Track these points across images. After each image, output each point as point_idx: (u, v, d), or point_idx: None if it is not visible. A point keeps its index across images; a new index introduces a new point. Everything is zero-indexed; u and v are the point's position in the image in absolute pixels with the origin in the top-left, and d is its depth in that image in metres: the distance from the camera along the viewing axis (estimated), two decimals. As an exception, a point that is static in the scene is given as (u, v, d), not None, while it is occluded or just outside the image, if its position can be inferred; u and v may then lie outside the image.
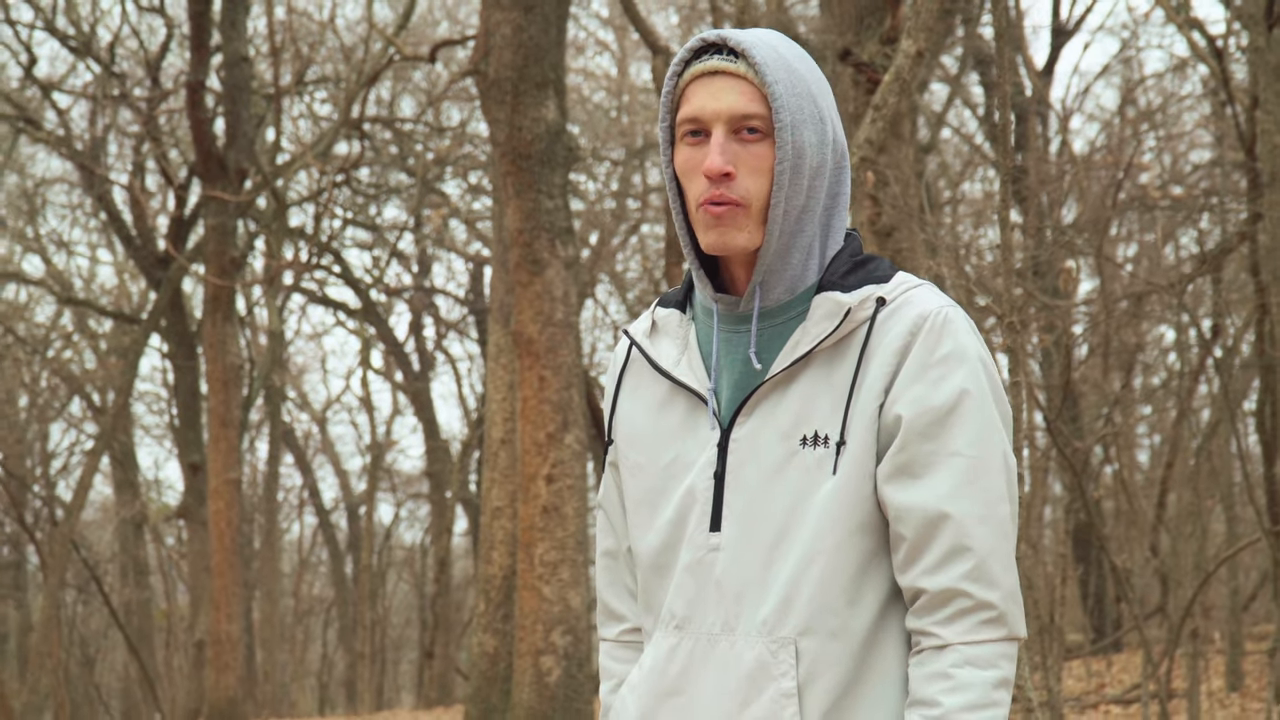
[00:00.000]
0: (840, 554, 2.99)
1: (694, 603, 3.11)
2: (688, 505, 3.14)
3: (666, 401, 3.23)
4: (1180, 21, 17.93)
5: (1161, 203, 25.23)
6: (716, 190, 2.99)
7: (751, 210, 3.02)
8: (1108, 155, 25.43)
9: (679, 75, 3.13)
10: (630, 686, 3.24)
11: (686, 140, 3.09)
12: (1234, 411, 24.16)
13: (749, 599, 3.05)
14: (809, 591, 2.98)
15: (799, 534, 3.01)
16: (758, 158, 3.02)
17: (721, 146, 3.00)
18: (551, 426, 17.70)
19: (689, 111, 3.08)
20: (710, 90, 3.06)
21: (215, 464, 28.09)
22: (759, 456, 3.07)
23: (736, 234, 3.02)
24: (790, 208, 3.05)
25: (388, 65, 32.80)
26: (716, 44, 3.08)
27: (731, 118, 3.02)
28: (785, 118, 3.01)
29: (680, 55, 3.14)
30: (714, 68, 3.06)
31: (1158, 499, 25.31)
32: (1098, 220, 22.52)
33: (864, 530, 3.00)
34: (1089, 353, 24.27)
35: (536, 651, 17.60)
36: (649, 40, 23.46)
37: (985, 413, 3.00)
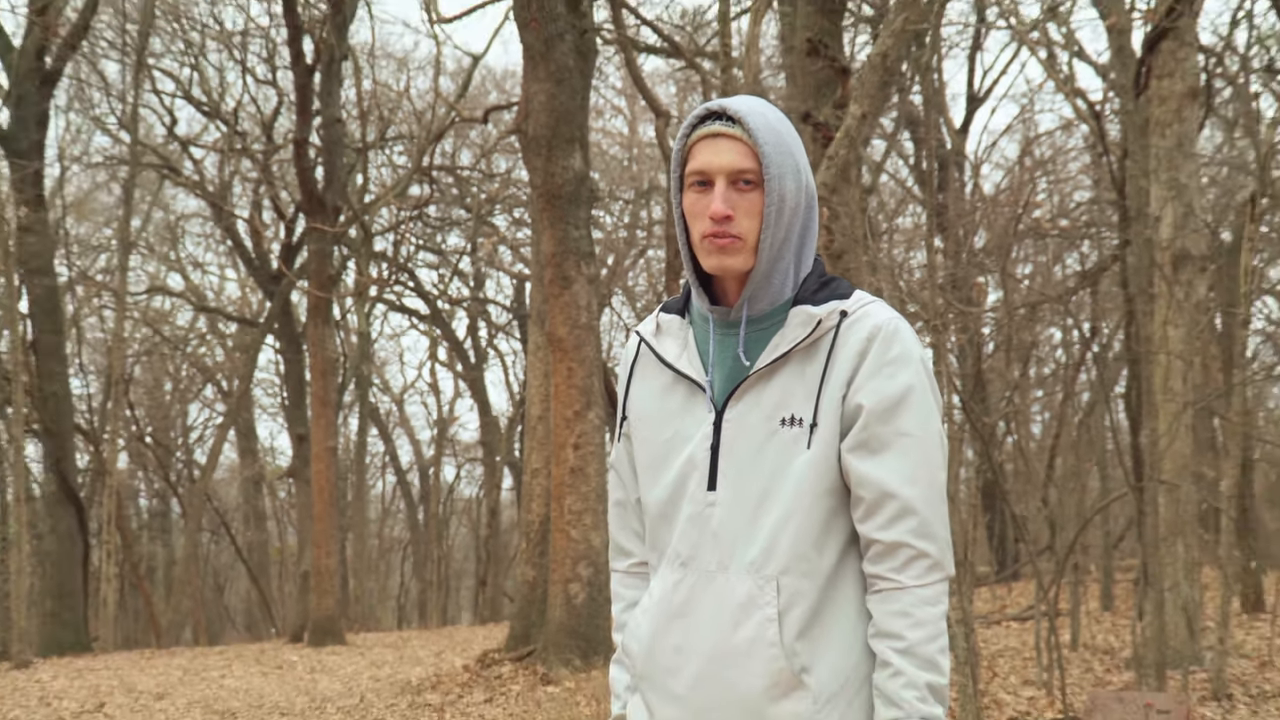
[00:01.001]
0: (812, 511, 3.09)
1: (696, 546, 3.18)
2: (689, 470, 3.23)
3: (669, 388, 3.32)
4: (1067, 91, 17.99)
5: (1051, 232, 25.18)
6: (719, 228, 3.11)
7: (746, 243, 3.14)
8: (1009, 195, 25.38)
9: (688, 135, 3.23)
10: (643, 610, 3.31)
11: (694, 188, 3.19)
12: (1107, 394, 24.14)
13: (739, 544, 3.13)
14: (787, 540, 3.08)
15: (779, 495, 3.11)
16: (750, 203, 3.13)
17: (723, 195, 3.12)
18: (577, 406, 17.75)
19: (696, 165, 3.18)
20: (714, 149, 3.16)
21: (317, 435, 28.08)
22: (747, 433, 3.16)
23: (733, 260, 3.14)
24: (774, 241, 3.16)
25: (450, 125, 32.89)
26: (718, 112, 3.18)
27: (730, 172, 3.13)
28: (773, 171, 3.13)
29: (689, 119, 3.25)
30: (717, 131, 3.17)
31: (1048, 462, 25.30)
32: (1002, 246, 22.50)
33: (830, 493, 3.10)
34: (994, 349, 24.27)
35: (566, 580, 17.66)
36: (653, 106, 23.48)
37: (926, 402, 3.12)
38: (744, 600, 3.11)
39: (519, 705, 15.31)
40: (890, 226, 30.17)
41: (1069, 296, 24.22)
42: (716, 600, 3.15)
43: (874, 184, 29.08)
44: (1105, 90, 20.53)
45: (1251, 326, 21.18)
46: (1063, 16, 22.84)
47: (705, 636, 3.15)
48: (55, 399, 31.11)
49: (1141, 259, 13.73)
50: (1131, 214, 13.27)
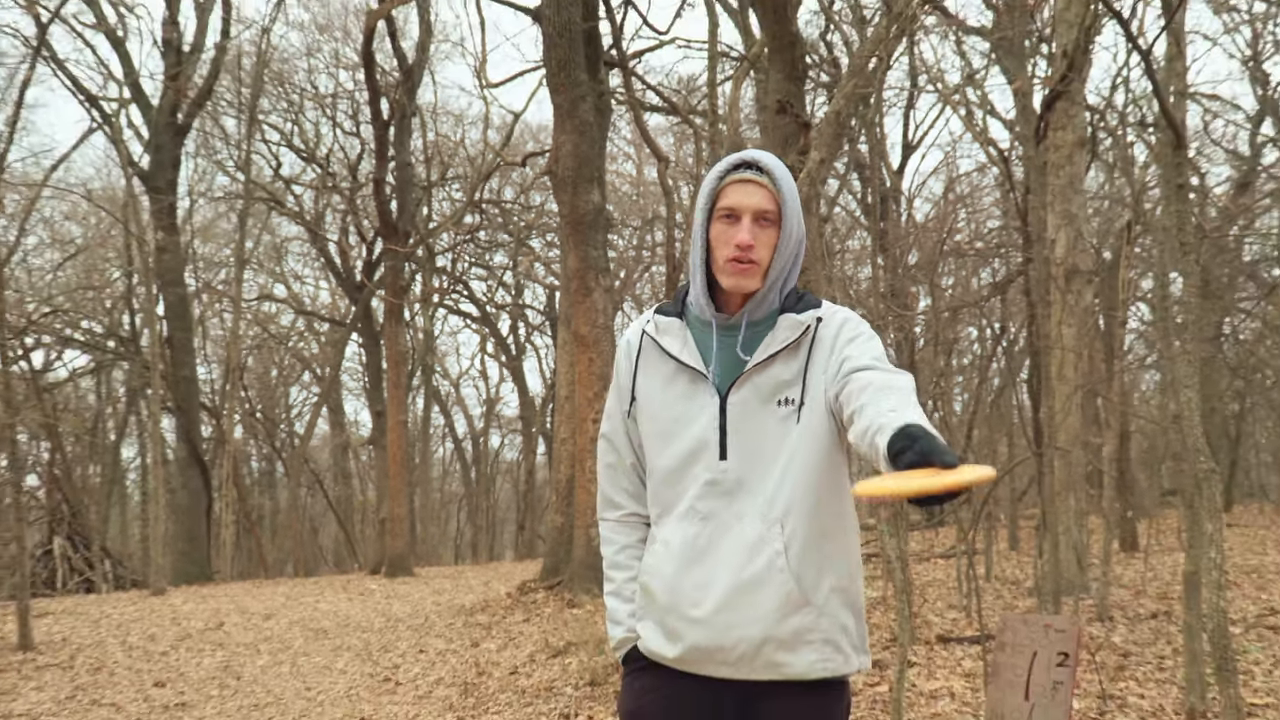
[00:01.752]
0: (804, 468, 3.15)
1: (715, 504, 3.22)
2: (700, 446, 3.26)
3: (673, 377, 3.33)
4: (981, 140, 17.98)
5: (969, 252, 25.13)
6: (742, 254, 3.22)
7: (759, 267, 3.25)
8: (936, 223, 25.30)
9: (721, 177, 3.29)
10: (663, 556, 3.30)
11: (723, 219, 3.27)
12: (1014, 380, 24.12)
13: (749, 498, 3.19)
14: (787, 492, 3.15)
15: (779, 458, 3.18)
16: (768, 237, 3.26)
17: (749, 229, 3.22)
18: (597, 388, 17.73)
19: (727, 203, 3.26)
20: (745, 192, 3.25)
21: (391, 411, 28.07)
22: (749, 413, 3.22)
23: (749, 281, 3.25)
24: (782, 268, 3.28)
25: (496, 168, 32.90)
26: (751, 162, 3.28)
27: (756, 211, 3.24)
28: (788, 214, 3.27)
29: (723, 164, 3.33)
30: (748, 178, 3.26)
31: (966, 433, 25.23)
32: (930, 263, 22.47)
33: (817, 452, 3.16)
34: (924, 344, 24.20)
35: (587, 526, 17.64)
36: (656, 153, 23.45)
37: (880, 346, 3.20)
38: (755, 540, 3.17)
39: (550, 624, 15.31)
40: (842, 247, 30.13)
41: (983, 302, 24.18)
42: (733, 543, 3.20)
43: (829, 214, 29.08)
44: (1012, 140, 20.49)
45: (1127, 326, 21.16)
46: (978, 82, 22.88)
47: (724, 572, 3.19)
48: (185, 383, 31.17)
49: (1040, 273, 13.70)
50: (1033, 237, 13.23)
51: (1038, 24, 17.78)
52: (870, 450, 2.80)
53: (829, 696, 3.20)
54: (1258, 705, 8.29)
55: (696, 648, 3.22)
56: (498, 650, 14.06)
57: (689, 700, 3.27)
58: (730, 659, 3.19)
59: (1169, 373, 10.89)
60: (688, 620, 3.23)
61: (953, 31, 22.10)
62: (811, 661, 3.15)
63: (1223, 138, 29.15)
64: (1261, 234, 26.44)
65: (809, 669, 3.15)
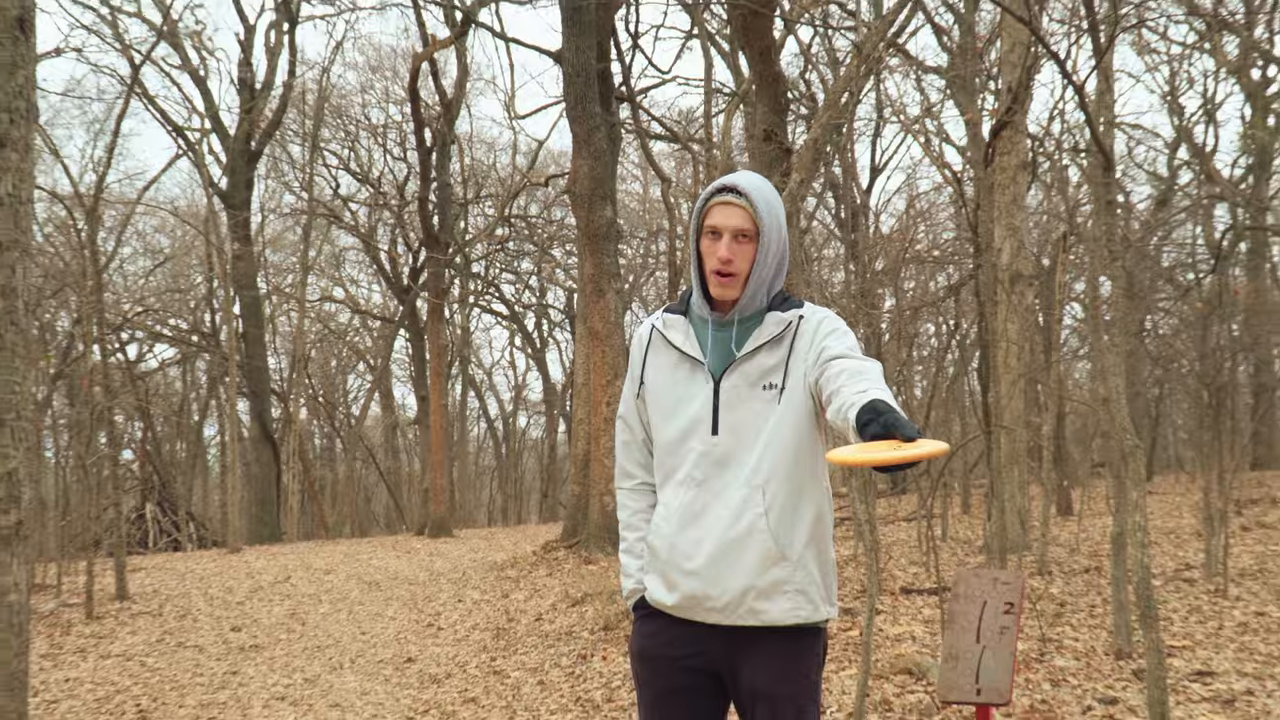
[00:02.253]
0: (783, 442, 3.16)
1: (707, 471, 3.24)
2: (695, 423, 3.27)
3: (676, 366, 3.35)
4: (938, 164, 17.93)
5: (927, 259, 25.12)
6: (723, 267, 3.23)
7: (739, 278, 3.25)
8: (899, 234, 25.26)
9: (708, 199, 3.30)
10: (664, 517, 3.32)
11: (708, 236, 3.27)
12: (966, 368, 24.12)
13: (736, 467, 3.20)
14: (768, 462, 3.16)
15: (762, 434, 3.19)
16: (748, 251, 3.24)
17: (728, 246, 3.22)
18: (609, 376, 17.71)
19: (711, 222, 3.27)
20: (726, 213, 3.24)
21: (434, 396, 28.06)
22: (738, 395, 3.23)
23: (730, 291, 3.26)
24: (761, 278, 3.27)
25: (523, 187, 32.86)
26: (731, 187, 3.26)
27: (735, 230, 3.22)
28: (768, 230, 3.25)
29: (710, 188, 3.32)
30: (728, 200, 3.25)
31: (925, 414, 25.21)
32: (894, 268, 22.44)
33: (794, 431, 3.16)
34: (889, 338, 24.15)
35: (601, 494, 17.63)
36: (659, 175, 23.48)
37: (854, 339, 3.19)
38: (740, 503, 3.18)
39: (569, 578, 15.29)
40: (819, 255, 30.09)
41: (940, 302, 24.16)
42: (722, 505, 3.21)
43: (808, 227, 29.00)
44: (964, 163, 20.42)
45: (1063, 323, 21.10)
46: (935, 114, 22.81)
47: (714, 531, 3.20)
48: (257, 372, 31.16)
49: (989, 277, 13.64)
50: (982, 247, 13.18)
51: (986, 64, 17.71)
52: (843, 424, 2.82)
53: (802, 642, 3.19)
54: (1175, 646, 8.27)
55: (690, 596, 3.24)
56: (525, 600, 14.05)
57: (685, 642, 3.28)
58: (718, 606, 3.20)
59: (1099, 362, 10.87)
60: (683, 572, 3.24)
61: (913, 71, 22.05)
62: (786, 609, 3.16)
63: (1144, 161, 29.34)
64: (1177, 243, 26.46)
65: (783, 616, 3.16)
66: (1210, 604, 9.89)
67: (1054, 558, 13.02)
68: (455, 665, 10.49)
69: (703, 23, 18.82)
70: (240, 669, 10.81)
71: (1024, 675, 7.74)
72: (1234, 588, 10.57)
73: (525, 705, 8.62)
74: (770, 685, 3.19)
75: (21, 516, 5.11)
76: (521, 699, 8.85)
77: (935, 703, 7.17)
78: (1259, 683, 7.22)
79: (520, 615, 12.90)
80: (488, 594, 14.94)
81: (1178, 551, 13.50)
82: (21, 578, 5.11)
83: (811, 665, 3.23)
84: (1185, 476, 26.19)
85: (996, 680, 4.46)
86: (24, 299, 5.20)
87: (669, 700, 3.35)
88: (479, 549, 22.18)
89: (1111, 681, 7.48)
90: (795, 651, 3.20)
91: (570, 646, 10.59)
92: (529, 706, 8.57)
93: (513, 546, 22.02)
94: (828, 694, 7.58)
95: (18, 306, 5.15)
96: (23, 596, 5.12)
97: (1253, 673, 7.47)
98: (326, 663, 10.96)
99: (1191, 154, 26.36)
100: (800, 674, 3.20)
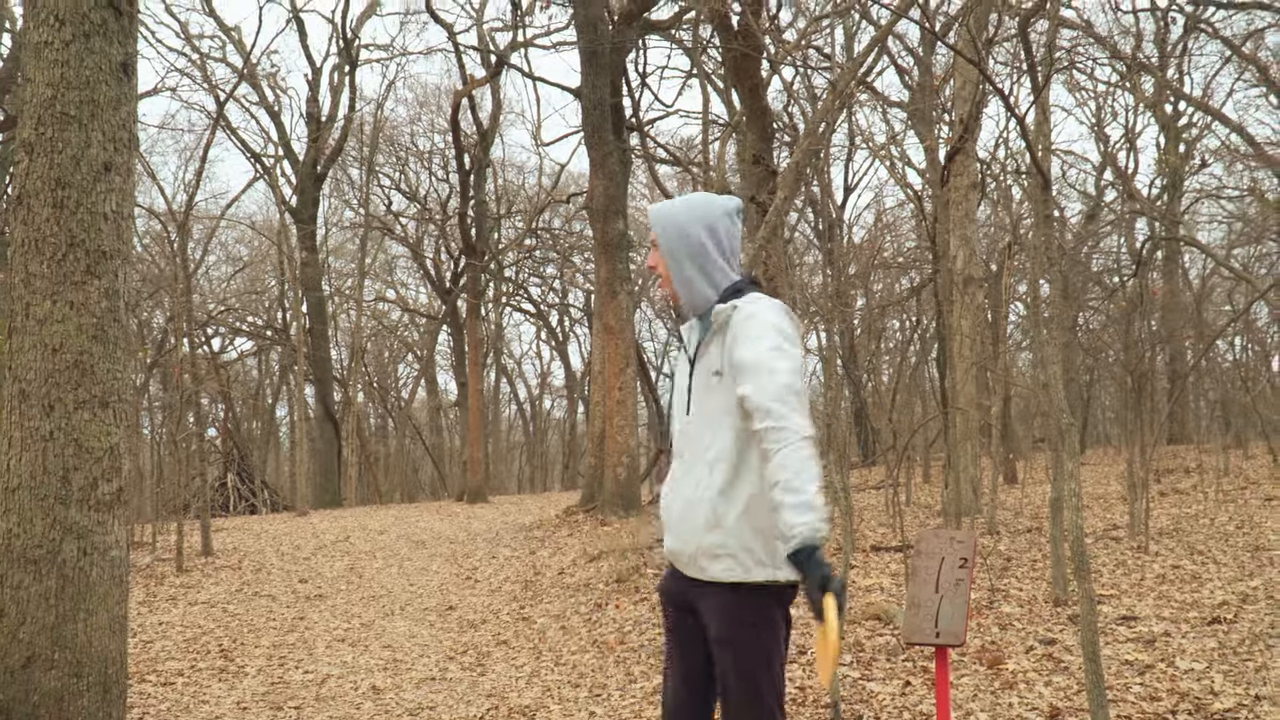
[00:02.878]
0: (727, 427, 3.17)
1: (683, 446, 3.29)
2: (680, 406, 3.34)
3: (680, 357, 3.42)
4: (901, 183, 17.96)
5: (893, 265, 25.10)
6: (651, 272, 3.45)
7: (668, 281, 3.37)
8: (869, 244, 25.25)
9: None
10: (668, 482, 3.37)
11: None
12: (926, 358, 24.10)
13: (698, 444, 3.23)
14: (718, 443, 3.17)
15: (713, 418, 3.20)
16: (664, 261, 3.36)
17: (651, 256, 3.40)
18: (621, 365, 17.69)
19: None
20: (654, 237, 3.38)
21: (472, 382, 28.05)
22: (700, 384, 3.26)
23: (666, 290, 3.38)
24: (682, 278, 3.34)
25: (547, 204, 32.88)
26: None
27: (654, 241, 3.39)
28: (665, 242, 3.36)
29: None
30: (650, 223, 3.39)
31: (891, 397, 25.20)
32: (865, 272, 22.43)
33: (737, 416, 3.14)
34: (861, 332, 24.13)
35: (614, 465, 17.60)
36: (664, 192, 23.41)
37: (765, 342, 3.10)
38: (699, 475, 3.21)
39: (587, 538, 15.29)
40: (800, 262, 30.03)
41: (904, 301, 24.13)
42: (688, 476, 3.25)
43: (791, 237, 28.94)
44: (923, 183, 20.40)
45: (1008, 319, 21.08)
46: (898, 141, 22.75)
47: (682, 495, 3.25)
48: (322, 361, 31.20)
49: (945, 280, 13.64)
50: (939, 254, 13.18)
51: (941, 99, 17.68)
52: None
53: (739, 595, 3.16)
54: (1104, 595, 8.25)
55: (670, 549, 3.31)
56: (549, 556, 14.06)
57: (675, 587, 3.34)
58: (681, 560, 3.27)
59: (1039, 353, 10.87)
60: (669, 529, 3.32)
61: (880, 105, 22.00)
62: (721, 569, 3.16)
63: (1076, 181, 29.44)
64: (1104, 252, 26.47)
65: (720, 574, 3.16)
66: (1134, 559, 9.87)
67: (1001, 520, 13.00)
68: (490, 612, 10.50)
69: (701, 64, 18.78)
70: (306, 615, 10.83)
71: (976, 620, 7.73)
72: (1154, 545, 10.55)
73: (549, 647, 8.62)
74: (717, 630, 3.19)
75: (122, 484, 5.12)
76: (546, 641, 8.85)
77: (900, 644, 7.17)
78: (1175, 625, 7.21)
79: (545, 570, 12.90)
80: (517, 551, 14.95)
81: (1106, 514, 13.48)
82: (122, 537, 5.12)
83: (753, 619, 3.18)
84: (1112, 450, 26.18)
85: (953, 625, 4.46)
86: (125, 300, 5.20)
87: (670, 635, 3.42)
88: (510, 513, 22.20)
89: (1050, 625, 7.47)
90: (734, 604, 3.18)
91: (588, 597, 10.59)
92: (552, 648, 8.58)
93: (539, 511, 22.04)
94: (807, 637, 7.58)
95: (120, 306, 5.16)
96: (123, 553, 5.13)
97: (1170, 617, 7.46)
98: (380, 610, 10.97)
99: (1115, 176, 26.42)
100: (738, 623, 3.17)
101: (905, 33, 19.89)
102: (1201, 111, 23.42)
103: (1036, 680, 6.19)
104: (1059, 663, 6.53)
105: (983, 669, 6.50)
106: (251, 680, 8.02)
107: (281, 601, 11.64)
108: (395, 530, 18.72)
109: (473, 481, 26.93)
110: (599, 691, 7.04)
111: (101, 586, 4.99)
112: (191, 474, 18.30)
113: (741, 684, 3.15)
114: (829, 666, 2.86)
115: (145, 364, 25.50)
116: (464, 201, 28.01)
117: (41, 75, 5.02)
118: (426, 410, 44.08)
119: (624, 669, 7.58)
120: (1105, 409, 33.12)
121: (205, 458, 20.78)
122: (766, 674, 3.15)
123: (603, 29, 18.31)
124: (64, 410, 4.94)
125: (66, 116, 5.00)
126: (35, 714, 4.79)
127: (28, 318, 4.98)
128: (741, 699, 3.15)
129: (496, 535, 17.19)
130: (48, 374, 4.94)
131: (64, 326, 4.97)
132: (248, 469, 29.85)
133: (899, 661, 6.83)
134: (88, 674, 4.91)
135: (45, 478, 4.90)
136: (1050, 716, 5.57)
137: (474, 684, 7.58)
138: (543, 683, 7.44)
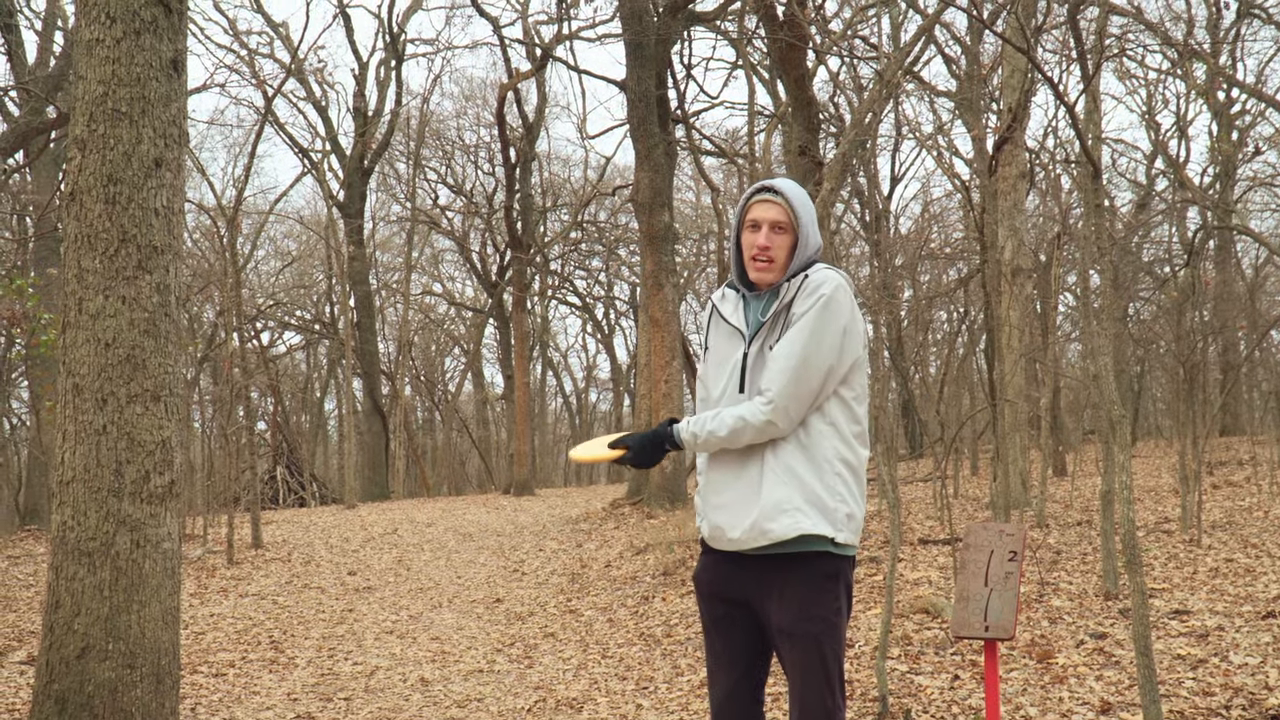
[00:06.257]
0: None
1: None
2: (731, 380, 3.35)
3: (728, 335, 3.41)
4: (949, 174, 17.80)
5: (941, 255, 24.94)
6: (760, 253, 3.31)
7: (776, 264, 3.32)
8: (916, 235, 25.08)
9: (749, 198, 3.39)
10: (705, 461, 3.45)
11: (749, 229, 3.36)
12: (974, 349, 23.91)
13: None
14: None
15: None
16: (784, 241, 3.33)
17: (766, 235, 3.31)
18: (667, 357, 17.70)
19: (751, 216, 3.36)
20: (763, 208, 3.34)
21: (518, 374, 28.12)
22: (758, 359, 3.30)
23: (768, 275, 3.34)
24: (797, 264, 3.33)
25: (593, 197, 32.90)
26: (768, 186, 3.35)
27: (772, 222, 3.31)
28: (804, 224, 3.34)
29: (751, 189, 3.41)
30: (766, 198, 3.35)
31: (939, 389, 25.04)
32: (913, 263, 22.29)
33: None
34: (909, 323, 23.99)
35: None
36: (709, 185, 23.38)
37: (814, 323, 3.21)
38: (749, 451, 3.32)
39: (634, 530, 15.32)
40: (846, 253, 29.90)
41: (951, 293, 23.95)
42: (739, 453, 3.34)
43: (837, 228, 28.83)
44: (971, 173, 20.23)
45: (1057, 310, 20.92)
46: (946, 131, 22.58)
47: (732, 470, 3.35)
48: (369, 355, 31.40)
49: (993, 271, 13.52)
50: (987, 245, 13.07)
51: (989, 88, 17.52)
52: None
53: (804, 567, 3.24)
54: (1155, 589, 8.17)
55: (717, 525, 3.35)
56: (596, 549, 14.09)
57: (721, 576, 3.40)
58: (736, 533, 3.29)
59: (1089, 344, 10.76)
60: (719, 507, 3.35)
61: (927, 94, 21.86)
62: (787, 523, 3.21)
63: (1126, 170, 29.13)
64: (1156, 241, 26.20)
65: (784, 530, 3.21)
66: (1186, 552, 9.76)
67: (1051, 513, 12.91)
68: (537, 605, 10.53)
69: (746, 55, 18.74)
70: (355, 607, 10.91)
71: (1025, 614, 7.68)
72: (1206, 538, 10.43)
73: (596, 639, 8.64)
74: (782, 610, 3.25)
75: (174, 477, 5.17)
76: (593, 634, 8.87)
77: (949, 637, 7.13)
78: (1228, 619, 7.12)
79: (592, 562, 12.93)
80: (564, 544, 15.00)
81: (1158, 507, 13.34)
82: (174, 529, 5.18)
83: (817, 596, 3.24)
84: (1164, 442, 25.90)
85: (1002, 618, 4.43)
86: (176, 294, 5.26)
87: (709, 632, 3.46)
88: (556, 506, 22.26)
89: (1101, 619, 7.41)
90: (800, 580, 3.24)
91: (635, 589, 10.60)
92: (599, 640, 8.59)
93: (585, 504, 22.09)
94: (855, 629, 7.56)
95: (171, 301, 5.21)
96: (175, 545, 5.19)
97: (1223, 611, 7.37)
98: (428, 602, 11.04)
99: (1167, 164, 26.09)
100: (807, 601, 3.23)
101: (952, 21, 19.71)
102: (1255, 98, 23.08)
103: (1087, 675, 6.14)
104: (1110, 657, 6.47)
105: (1032, 663, 6.45)
106: (301, 671, 8.09)
107: (330, 594, 11.74)
108: (443, 523, 18.82)
109: (519, 474, 27.01)
110: (646, 684, 7.06)
111: (154, 578, 5.05)
112: (241, 467, 18.47)
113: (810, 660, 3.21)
114: (587, 456, 3.55)
115: (196, 358, 25.74)
116: (510, 195, 28.08)
117: (93, 72, 5.08)
118: (473, 403, 44.26)
119: (671, 661, 7.59)
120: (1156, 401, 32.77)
121: (255, 451, 20.97)
122: (833, 647, 3.23)
123: (648, 21, 18.30)
124: (117, 404, 5.00)
125: (118, 113, 5.06)
126: (90, 704, 4.86)
127: (80, 313, 5.04)
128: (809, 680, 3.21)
129: (543, 528, 17.25)
130: (100, 368, 5.00)
131: (116, 321, 5.02)
132: (297, 462, 30.10)
133: (947, 655, 6.80)
134: (141, 665, 4.97)
135: (99, 471, 4.96)
136: (1101, 711, 5.52)
137: (521, 676, 7.62)
138: (590, 675, 7.46)
